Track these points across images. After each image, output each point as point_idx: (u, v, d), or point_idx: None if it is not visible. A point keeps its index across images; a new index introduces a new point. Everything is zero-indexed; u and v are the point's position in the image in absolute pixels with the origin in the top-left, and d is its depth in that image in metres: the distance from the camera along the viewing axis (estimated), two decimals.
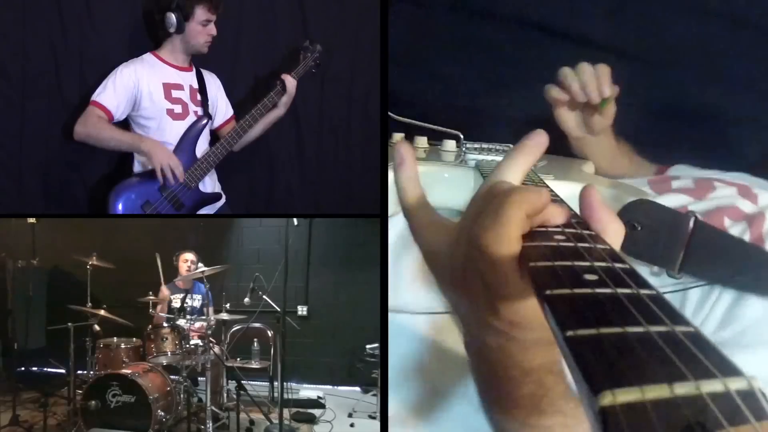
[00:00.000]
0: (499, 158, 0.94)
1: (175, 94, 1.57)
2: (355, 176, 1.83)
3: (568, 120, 1.16)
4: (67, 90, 1.56)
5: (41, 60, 1.54)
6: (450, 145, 1.08)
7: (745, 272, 0.71)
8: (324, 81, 1.76)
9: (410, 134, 1.12)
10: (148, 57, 1.56)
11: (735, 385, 0.26)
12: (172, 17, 1.51)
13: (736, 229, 0.81)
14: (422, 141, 1.11)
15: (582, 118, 1.16)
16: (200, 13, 1.52)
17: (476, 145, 1.05)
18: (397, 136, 1.13)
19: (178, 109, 1.57)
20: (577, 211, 0.50)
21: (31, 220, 2.35)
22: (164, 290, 2.32)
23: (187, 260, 2.38)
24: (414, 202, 0.56)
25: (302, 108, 1.75)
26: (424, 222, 0.54)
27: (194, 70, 1.61)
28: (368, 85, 1.76)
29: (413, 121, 1.11)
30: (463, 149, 1.06)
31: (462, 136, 1.09)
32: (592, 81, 1.07)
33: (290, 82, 1.61)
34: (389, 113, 1.13)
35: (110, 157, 1.61)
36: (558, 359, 0.54)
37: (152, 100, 1.54)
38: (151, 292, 2.25)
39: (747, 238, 0.79)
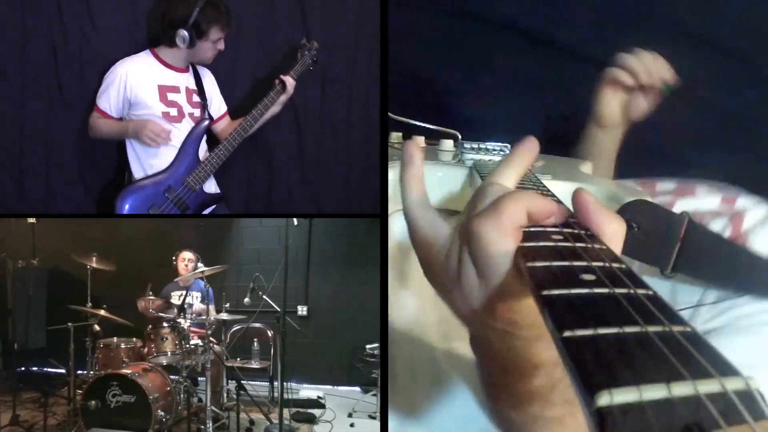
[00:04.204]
0: (496, 158, 0.93)
1: (170, 97, 1.57)
2: (355, 176, 1.83)
3: (612, 102, 1.19)
4: (67, 90, 1.56)
5: (41, 60, 1.54)
6: (447, 144, 1.08)
7: (736, 275, 0.73)
8: (324, 81, 1.76)
9: (408, 134, 1.12)
10: (145, 56, 1.56)
11: (732, 384, 0.26)
12: (185, 34, 1.51)
13: (716, 225, 0.84)
14: (420, 141, 1.11)
15: (626, 103, 1.19)
16: (214, 32, 1.54)
17: (473, 145, 1.04)
18: (396, 136, 1.13)
19: (173, 112, 1.57)
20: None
21: (31, 220, 2.35)
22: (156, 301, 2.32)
23: (185, 259, 2.38)
24: (416, 200, 0.57)
25: (302, 108, 1.75)
26: (424, 220, 0.55)
27: (191, 70, 1.61)
28: (368, 85, 1.76)
29: (411, 121, 1.10)
30: (461, 149, 1.06)
31: (459, 136, 1.09)
32: (655, 65, 1.13)
33: (290, 82, 1.62)
34: (389, 113, 1.13)
35: (110, 159, 1.62)
36: None
37: (146, 103, 1.54)
38: (151, 293, 2.25)
39: (727, 233, 0.81)
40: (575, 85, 1.43)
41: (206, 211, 1.64)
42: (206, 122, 1.61)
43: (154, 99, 1.54)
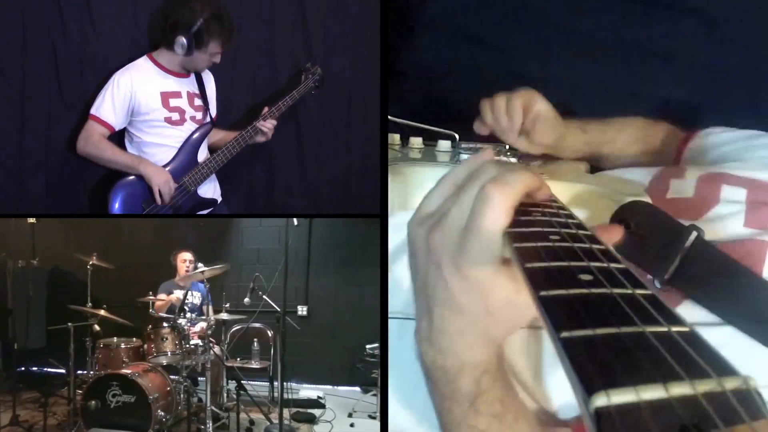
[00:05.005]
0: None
1: (172, 102, 1.56)
2: (355, 176, 1.83)
3: (515, 142, 1.10)
4: (67, 90, 1.56)
5: (41, 60, 1.53)
6: (445, 145, 1.09)
7: (739, 303, 0.64)
8: (324, 82, 1.76)
9: (406, 134, 1.13)
10: (144, 62, 1.55)
11: (730, 384, 0.26)
12: (184, 41, 1.49)
13: (734, 192, 0.75)
14: (417, 141, 1.12)
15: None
16: (214, 46, 1.52)
17: (470, 145, 1.05)
18: (393, 138, 1.13)
19: (175, 116, 1.57)
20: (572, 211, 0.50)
21: (31, 220, 2.35)
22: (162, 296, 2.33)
23: (185, 260, 2.38)
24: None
25: (302, 108, 1.75)
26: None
27: (192, 75, 1.60)
28: (368, 85, 1.76)
29: (410, 122, 1.11)
30: (458, 149, 1.07)
31: (457, 137, 1.09)
32: (502, 113, 1.06)
33: (262, 132, 1.61)
34: (388, 116, 1.13)
35: None
36: (497, 362, 0.55)
37: (150, 109, 1.53)
38: (150, 292, 2.25)
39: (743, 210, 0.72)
40: None
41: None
42: (208, 126, 1.61)
43: (157, 105, 1.54)
